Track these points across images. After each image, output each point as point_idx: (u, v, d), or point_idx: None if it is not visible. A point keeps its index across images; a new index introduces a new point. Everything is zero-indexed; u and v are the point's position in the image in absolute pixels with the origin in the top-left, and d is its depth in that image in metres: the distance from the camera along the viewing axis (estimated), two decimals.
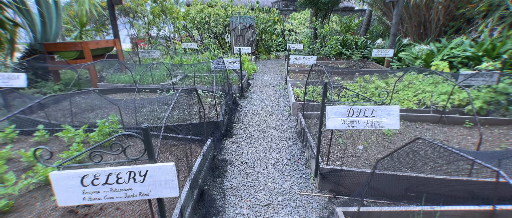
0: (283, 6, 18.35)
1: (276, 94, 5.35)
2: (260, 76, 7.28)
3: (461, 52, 5.58)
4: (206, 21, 10.26)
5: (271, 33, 11.74)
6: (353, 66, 7.35)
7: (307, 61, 5.48)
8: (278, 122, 3.86)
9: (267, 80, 6.77)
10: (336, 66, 7.42)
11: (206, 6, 10.64)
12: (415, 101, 3.97)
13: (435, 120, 3.56)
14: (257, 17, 11.27)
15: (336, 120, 2.11)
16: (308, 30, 12.00)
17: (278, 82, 6.54)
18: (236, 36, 10.64)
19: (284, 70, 8.03)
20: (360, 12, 17.23)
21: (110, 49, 6.38)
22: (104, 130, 2.83)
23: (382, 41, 7.51)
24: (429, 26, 7.67)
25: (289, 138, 3.36)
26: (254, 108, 4.47)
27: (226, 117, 3.62)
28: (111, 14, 7.33)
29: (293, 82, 5.41)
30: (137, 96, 4.63)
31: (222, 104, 3.86)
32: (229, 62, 4.75)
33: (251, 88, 5.81)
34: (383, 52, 6.59)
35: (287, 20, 15.77)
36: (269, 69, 8.42)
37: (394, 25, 6.96)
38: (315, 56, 5.45)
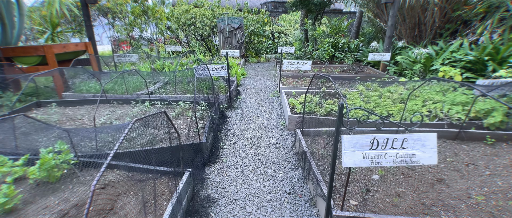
0: (272, 8, 17.85)
1: (268, 103, 4.76)
2: (250, 81, 6.68)
3: (463, 56, 5.19)
4: (191, 22, 9.56)
5: (261, 35, 11.17)
6: (348, 70, 6.88)
7: (302, 66, 4.93)
8: (272, 139, 3.26)
9: (258, 86, 6.17)
10: (330, 70, 6.92)
11: (192, 7, 9.94)
12: (425, 112, 3.48)
13: (451, 136, 3.07)
14: (246, 18, 10.67)
15: (356, 155, 1.54)
16: (298, 32, 11.51)
17: (270, 88, 5.95)
18: (224, 38, 9.99)
19: (276, 75, 7.47)
20: (349, 14, 16.97)
21: (81, 53, 5.59)
22: (48, 163, 2.14)
23: (377, 44, 7.09)
24: (424, 29, 7.32)
25: (286, 161, 2.76)
26: (244, 121, 3.86)
27: (211, 136, 2.99)
28: (85, 14, 6.53)
29: (287, 90, 4.84)
30: (106, 108, 3.92)
31: (206, 120, 3.23)
32: (215, 69, 4.12)
33: (241, 96, 5.19)
34: (379, 55, 6.14)
35: (277, 21, 15.26)
36: (260, 74, 7.83)
37: (390, 27, 6.53)
38: (309, 61, 4.91)
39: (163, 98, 4.12)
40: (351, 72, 6.66)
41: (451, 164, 2.53)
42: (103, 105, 4.09)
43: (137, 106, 3.92)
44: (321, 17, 9.12)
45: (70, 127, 3.34)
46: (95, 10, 9.65)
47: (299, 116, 3.36)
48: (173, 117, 3.49)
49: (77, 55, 5.49)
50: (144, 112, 3.66)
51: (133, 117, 3.43)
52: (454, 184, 2.23)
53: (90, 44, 5.75)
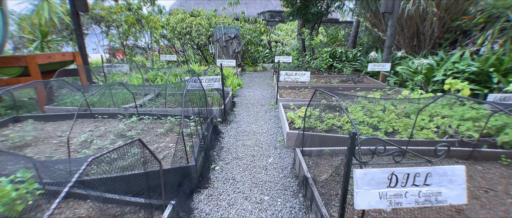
0: (269, 17, 17.82)
1: (265, 116, 4.48)
2: (246, 92, 6.42)
3: (466, 67, 5.01)
4: (187, 31, 9.35)
5: (258, 45, 11.00)
6: (347, 80, 6.66)
7: (300, 77, 4.68)
8: (269, 159, 2.97)
9: (254, 97, 5.91)
10: (329, 81, 6.70)
11: (188, 16, 9.76)
12: (433, 128, 3.23)
13: (464, 156, 2.81)
14: (243, 27, 10.51)
15: (371, 194, 1.25)
16: (295, 41, 11.37)
17: (266, 99, 5.69)
18: (221, 47, 9.78)
19: (273, 85, 7.23)
20: (345, 23, 16.98)
21: (68, 63, 5.31)
22: (8, 195, 1.82)
23: (376, 53, 6.91)
24: (423, 39, 7.18)
25: (285, 185, 2.47)
26: (239, 137, 3.57)
27: (202, 156, 2.68)
28: (75, 23, 6.29)
29: (285, 102, 4.58)
30: (90, 124, 3.61)
31: (197, 137, 2.93)
32: (209, 81, 3.85)
33: (236, 109, 4.92)
34: (379, 66, 5.95)
35: (274, 31, 15.17)
36: (256, 83, 7.59)
37: (389, 37, 6.37)
38: (308, 72, 4.67)
39: (153, 112, 3.83)
40: (351, 82, 6.44)
41: (469, 190, 2.26)
42: (87, 120, 3.77)
43: (124, 121, 3.61)
44: (318, 26, 8.98)
45: (47, 145, 3.02)
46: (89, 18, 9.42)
47: (298, 133, 3.09)
48: (161, 134, 3.18)
49: (64, 65, 5.20)
50: (129, 128, 3.35)
51: (117, 134, 3.13)
52: (475, 216, 1.95)
53: (79, 54, 5.47)
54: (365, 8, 8.29)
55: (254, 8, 21.48)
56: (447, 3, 6.38)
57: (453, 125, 3.23)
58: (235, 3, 10.29)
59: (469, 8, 6.50)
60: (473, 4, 6.43)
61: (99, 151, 2.80)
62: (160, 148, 2.82)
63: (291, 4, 8.46)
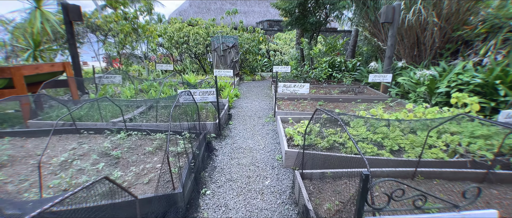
0: (267, 26, 17.81)
1: (263, 130, 4.24)
2: (243, 103, 6.19)
3: (470, 78, 4.81)
4: (184, 41, 9.20)
5: (256, 54, 10.86)
6: (348, 91, 6.46)
7: (299, 90, 4.47)
8: (266, 181, 2.71)
9: (252, 108, 5.68)
10: (329, 91, 6.49)
11: (185, 25, 9.63)
12: (442, 146, 3.00)
13: (478, 178, 2.56)
14: (241, 37, 10.39)
15: None
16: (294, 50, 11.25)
17: (264, 111, 5.46)
18: (218, 56, 9.62)
19: (271, 95, 7.02)
20: (344, 32, 16.96)
21: (58, 74, 5.08)
22: None
23: (376, 64, 6.74)
24: (424, 48, 7.03)
25: (283, 214, 2.21)
26: (234, 155, 3.31)
27: (192, 179, 2.43)
28: (68, 32, 6.12)
29: (283, 115, 4.35)
30: (74, 140, 3.35)
31: (188, 155, 2.68)
32: (203, 93, 3.63)
33: (232, 122, 4.67)
34: (380, 77, 5.75)
35: (272, 40, 15.10)
36: (254, 94, 7.38)
37: (390, 47, 6.21)
38: (307, 84, 4.46)
39: (142, 127, 3.58)
40: (351, 93, 6.23)
41: None
42: (72, 136, 3.51)
43: (110, 137, 3.36)
44: (317, 36, 8.85)
45: (24, 166, 2.75)
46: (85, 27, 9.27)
47: (298, 152, 2.84)
48: (149, 153, 2.93)
49: (54, 76, 4.97)
50: (115, 146, 3.09)
51: (100, 153, 2.87)
52: None
53: (69, 64, 5.26)
54: (364, 17, 8.18)
55: (253, 17, 21.55)
56: (448, 13, 6.26)
57: (463, 143, 3.00)
58: (233, 12, 10.20)
59: (470, 18, 6.38)
60: (474, 14, 6.31)
61: (80, 173, 2.54)
62: (146, 170, 2.56)
63: (290, 14, 8.35)
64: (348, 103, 5.50)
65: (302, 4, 7.90)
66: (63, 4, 6.04)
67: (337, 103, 5.46)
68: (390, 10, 5.92)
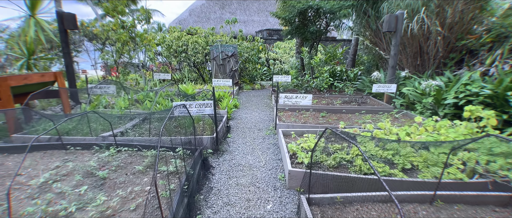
0: (267, 35, 17.78)
1: (263, 144, 3.98)
2: (243, 114, 5.95)
3: (479, 89, 4.60)
4: (183, 50, 9.03)
5: (256, 63, 10.70)
6: (350, 101, 6.23)
7: (301, 101, 4.23)
8: (268, 205, 2.44)
9: (251, 120, 5.43)
10: (331, 102, 6.26)
11: (184, 34, 9.49)
12: (458, 164, 2.74)
13: (502, 202, 2.30)
14: (240, 46, 10.25)
15: None
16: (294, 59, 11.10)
17: (265, 123, 5.21)
18: (217, 65, 9.44)
19: (271, 105, 6.78)
20: (343, 41, 16.93)
21: (49, 84, 4.84)
22: None
23: (379, 73, 6.55)
24: (427, 58, 6.86)
25: None
26: (232, 173, 3.04)
27: (184, 205, 2.15)
28: (63, 40, 5.93)
29: (284, 127, 4.11)
30: (60, 157, 3.08)
31: (180, 176, 2.41)
32: (200, 106, 3.39)
33: (231, 135, 4.42)
34: (384, 87, 5.55)
35: (272, 49, 15.01)
36: (254, 104, 7.14)
37: (393, 57, 6.03)
38: (310, 95, 4.23)
39: (134, 142, 3.32)
40: (354, 104, 6.01)
41: None
42: (57, 152, 3.24)
43: (98, 154, 3.09)
44: (317, 45, 8.71)
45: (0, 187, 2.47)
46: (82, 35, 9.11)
47: (303, 172, 2.58)
48: (139, 173, 2.66)
49: (44, 86, 4.73)
50: (103, 165, 2.82)
51: (85, 173, 2.60)
52: None
53: (61, 74, 5.03)
54: (365, 27, 8.06)
55: (252, 26, 21.59)
56: (451, 22, 6.11)
57: (480, 161, 2.74)
58: (233, 21, 10.09)
59: (474, 27, 6.24)
60: (478, 23, 6.17)
61: (60, 197, 2.26)
62: (134, 194, 2.29)
63: (290, 23, 8.22)
64: (351, 114, 5.27)
65: (302, 13, 7.77)
66: (58, 12, 5.88)
67: (340, 115, 5.22)
68: (393, 19, 5.77)
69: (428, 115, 4.98)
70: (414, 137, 3.34)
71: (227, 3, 22.62)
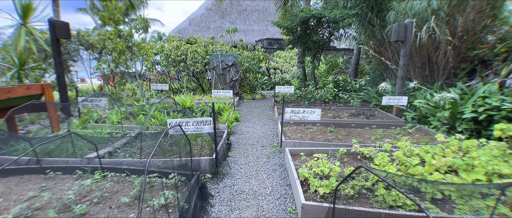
0: (267, 45, 17.58)
1: (268, 165, 3.57)
2: (244, 128, 5.55)
3: (499, 102, 4.24)
4: (182, 59, 8.71)
5: (256, 72, 10.38)
6: (358, 114, 5.86)
7: (309, 116, 3.86)
8: None
9: (254, 135, 5.04)
10: (337, 114, 5.89)
11: (183, 43, 9.20)
12: None
13: None
14: (241, 55, 9.96)
15: None
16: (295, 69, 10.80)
17: (268, 138, 4.81)
18: (217, 75, 9.11)
19: (274, 117, 6.40)
20: (344, 50, 16.73)
21: (36, 97, 4.46)
22: None
23: (387, 84, 6.21)
24: (436, 68, 6.54)
25: None
26: (234, 203, 2.62)
27: None
28: (55, 50, 5.61)
29: (291, 145, 3.72)
30: (38, 183, 2.66)
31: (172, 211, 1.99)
32: (197, 124, 3.00)
33: (232, 153, 4.01)
34: (394, 100, 5.19)
35: (272, 58, 14.75)
36: (256, 115, 6.76)
37: (402, 67, 5.70)
38: (319, 110, 3.86)
39: (123, 164, 2.91)
40: (363, 117, 5.63)
41: None
42: (35, 177, 2.83)
43: (80, 180, 2.68)
44: (320, 54, 8.40)
45: None
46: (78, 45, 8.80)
47: (318, 206, 2.16)
48: (125, 205, 2.24)
49: (30, 100, 4.35)
50: (84, 195, 2.41)
51: (61, 208, 2.18)
52: None
53: (49, 86, 4.66)
54: (369, 36, 7.78)
55: (252, 36, 21.47)
56: (462, 31, 5.82)
57: None
58: (233, 30, 9.83)
59: (487, 36, 5.95)
60: (490, 33, 5.89)
61: None
62: None
63: (292, 32, 7.94)
64: (361, 129, 4.88)
65: (305, 22, 7.50)
66: (50, 20, 5.57)
67: (349, 129, 4.83)
68: (402, 29, 5.47)
69: (445, 130, 4.60)
70: (438, 160, 2.94)
71: (227, 12, 22.58)
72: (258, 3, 24.06)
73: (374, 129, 4.82)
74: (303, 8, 7.73)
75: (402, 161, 2.87)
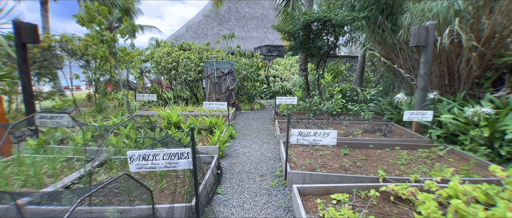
0: (266, 52, 16.84)
1: (270, 209, 2.66)
2: (240, 147, 4.65)
3: None
4: (173, 66, 7.86)
5: (255, 80, 9.54)
6: (374, 130, 4.98)
7: (322, 140, 2.97)
8: None
9: (251, 158, 4.14)
10: (349, 131, 5.00)
11: (175, 49, 8.37)
12: None
13: None
14: (238, 62, 9.13)
15: None
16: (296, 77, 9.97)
17: (269, 163, 3.91)
18: (212, 84, 8.25)
19: (275, 133, 5.51)
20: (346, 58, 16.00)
21: None
22: None
23: (404, 95, 5.36)
24: (458, 77, 5.72)
25: None
26: None
27: None
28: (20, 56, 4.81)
29: (300, 179, 2.83)
30: None
31: None
32: (170, 157, 2.11)
33: (222, 188, 3.10)
34: (418, 114, 4.34)
35: (271, 65, 13.96)
36: (254, 130, 5.86)
37: (423, 76, 4.88)
38: (334, 132, 2.98)
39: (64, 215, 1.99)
40: (379, 134, 4.75)
41: None
42: None
43: None
44: (325, 61, 7.59)
45: None
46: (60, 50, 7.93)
47: None
48: None
49: None
50: None
51: None
52: None
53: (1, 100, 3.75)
54: (379, 41, 6.99)
55: (251, 43, 20.78)
56: (488, 36, 5.03)
57: None
58: (230, 36, 9.04)
59: None
60: None
61: None
62: None
63: (293, 37, 7.14)
64: (380, 150, 4.00)
65: (308, 26, 6.70)
66: (15, 22, 4.74)
67: (366, 151, 3.95)
68: (422, 32, 4.67)
69: (483, 152, 3.73)
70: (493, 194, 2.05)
71: (225, 19, 21.94)
72: (257, 10, 23.50)
73: (396, 150, 3.93)
74: (306, 10, 6.95)
75: (462, 214, 1.97)
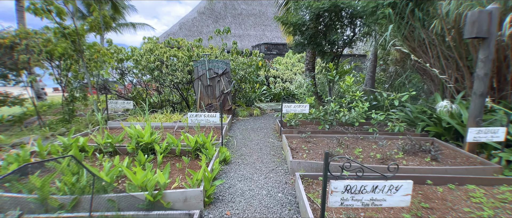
0: (265, 50, 15.49)
1: None
2: (237, 181, 3.30)
3: None
4: (156, 66, 6.48)
5: (254, 82, 8.20)
6: (415, 151, 3.66)
7: (387, 199, 1.64)
8: None
9: (253, 203, 2.80)
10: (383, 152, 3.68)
11: (160, 46, 6.98)
12: None
13: None
14: (235, 61, 7.78)
15: None
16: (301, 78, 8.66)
17: (283, 212, 2.58)
18: (204, 87, 6.89)
19: (282, 152, 4.18)
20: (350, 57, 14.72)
21: None
22: None
23: (450, 103, 4.07)
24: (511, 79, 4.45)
25: None
26: None
27: None
28: None
29: None
30: None
31: None
32: None
33: None
34: (487, 133, 3.04)
35: (272, 65, 12.63)
36: (255, 147, 4.53)
37: (482, 79, 3.59)
38: (408, 183, 1.64)
39: None
40: (428, 158, 3.44)
41: None
42: None
43: None
44: (338, 61, 6.27)
45: None
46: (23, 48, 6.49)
47: None
48: None
49: None
50: None
51: None
52: None
53: None
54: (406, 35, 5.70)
55: (248, 41, 19.41)
56: None
57: None
58: (225, 31, 7.68)
59: None
60: None
61: None
62: None
63: (300, 31, 5.81)
64: (442, 187, 2.69)
65: (320, 16, 5.37)
66: None
67: (421, 188, 2.64)
68: (484, 19, 3.38)
69: None
70: None
71: (221, 16, 20.52)
72: (254, 7, 22.12)
73: (465, 187, 2.63)
74: None
75: None
